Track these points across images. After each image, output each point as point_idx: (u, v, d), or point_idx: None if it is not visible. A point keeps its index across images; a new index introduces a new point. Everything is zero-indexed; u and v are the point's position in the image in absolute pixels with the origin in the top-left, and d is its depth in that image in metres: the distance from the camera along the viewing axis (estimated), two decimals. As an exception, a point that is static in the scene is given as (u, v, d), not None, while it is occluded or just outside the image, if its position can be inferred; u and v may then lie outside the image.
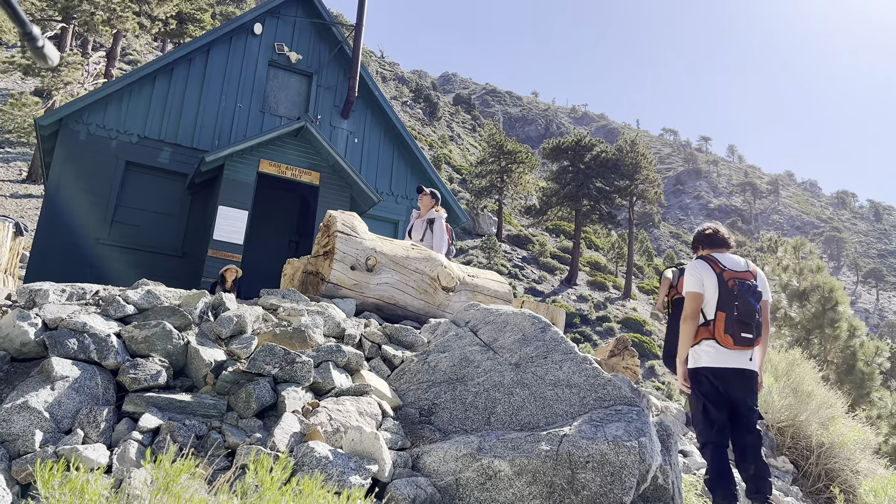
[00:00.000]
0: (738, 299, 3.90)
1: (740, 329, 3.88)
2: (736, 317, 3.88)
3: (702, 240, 4.26)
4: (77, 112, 11.15)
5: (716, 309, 3.95)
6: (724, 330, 3.89)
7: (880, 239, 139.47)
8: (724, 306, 3.92)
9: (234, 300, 4.22)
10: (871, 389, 11.79)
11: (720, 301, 3.94)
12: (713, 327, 3.94)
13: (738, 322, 3.88)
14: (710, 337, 3.96)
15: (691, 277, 4.05)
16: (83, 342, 3.36)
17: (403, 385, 4.08)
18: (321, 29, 13.63)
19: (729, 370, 3.93)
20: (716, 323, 3.93)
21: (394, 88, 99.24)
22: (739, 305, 3.88)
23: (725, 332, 3.89)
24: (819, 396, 5.97)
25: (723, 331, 3.90)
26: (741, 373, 3.95)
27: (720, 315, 3.92)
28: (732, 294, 3.92)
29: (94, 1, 25.11)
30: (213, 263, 10.30)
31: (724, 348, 3.92)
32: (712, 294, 3.98)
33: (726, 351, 3.93)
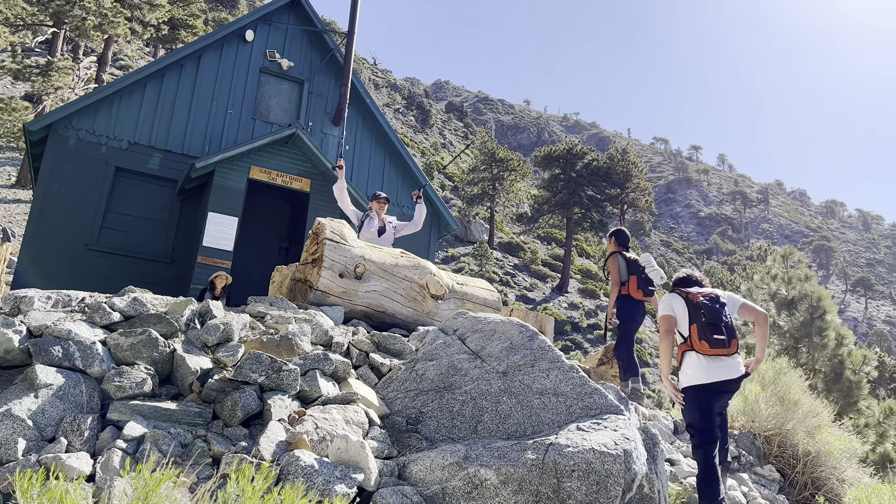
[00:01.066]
0: (703, 307, 4.36)
1: (711, 332, 4.29)
2: (705, 322, 4.31)
3: (677, 282, 4.78)
4: (67, 117, 11.10)
5: (688, 324, 4.40)
6: (699, 338, 4.31)
7: (868, 248, 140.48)
8: (693, 319, 4.38)
9: (220, 308, 4.20)
10: (858, 398, 11.85)
11: (690, 317, 4.40)
12: (690, 341, 4.37)
13: (708, 325, 4.30)
14: (689, 349, 4.38)
15: (663, 305, 4.58)
16: (68, 350, 3.34)
17: (391, 393, 4.08)
18: (313, 36, 13.65)
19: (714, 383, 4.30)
20: (691, 336, 4.37)
21: (386, 96, 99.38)
22: (705, 312, 4.34)
23: (700, 340, 4.30)
24: (806, 405, 6.00)
25: (697, 339, 4.31)
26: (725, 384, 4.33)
27: (693, 327, 4.37)
28: (697, 307, 4.39)
29: (85, 6, 25.04)
30: (202, 270, 10.26)
31: (705, 357, 4.31)
32: (682, 314, 4.45)
33: (708, 360, 4.31)
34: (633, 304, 6.45)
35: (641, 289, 6.39)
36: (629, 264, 6.52)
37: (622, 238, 6.67)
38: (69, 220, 10.91)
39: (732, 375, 4.30)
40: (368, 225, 8.18)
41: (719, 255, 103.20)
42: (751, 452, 5.91)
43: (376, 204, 8.31)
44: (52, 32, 28.97)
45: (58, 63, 25.96)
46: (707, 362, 4.30)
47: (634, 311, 6.45)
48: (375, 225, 8.15)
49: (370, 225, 8.15)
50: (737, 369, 4.35)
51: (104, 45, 29.11)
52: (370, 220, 8.24)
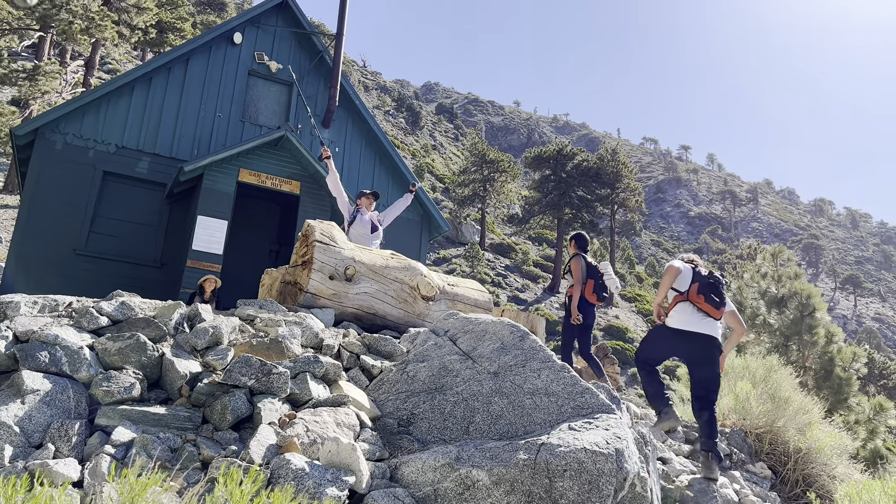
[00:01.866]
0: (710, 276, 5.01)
1: (709, 291, 4.91)
2: (706, 283, 4.94)
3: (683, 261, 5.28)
4: (53, 122, 11.02)
5: (689, 283, 4.97)
6: (697, 292, 4.92)
7: (857, 246, 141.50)
8: (696, 280, 4.98)
9: (210, 311, 4.18)
10: (848, 395, 11.91)
11: (693, 279, 4.99)
12: (687, 294, 4.95)
13: (708, 286, 4.93)
14: (685, 300, 4.94)
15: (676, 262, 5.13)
16: (55, 355, 3.31)
17: (382, 395, 4.06)
18: (302, 38, 13.62)
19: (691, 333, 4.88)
20: (690, 290, 4.95)
21: (376, 98, 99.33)
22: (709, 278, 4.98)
23: (698, 294, 4.91)
24: (796, 402, 6.03)
25: (696, 293, 4.92)
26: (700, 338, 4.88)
27: (694, 285, 4.96)
28: (702, 274, 5.03)
29: (72, 10, 24.89)
30: (192, 274, 10.21)
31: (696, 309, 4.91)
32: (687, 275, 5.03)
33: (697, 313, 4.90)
34: (586, 306, 6.96)
35: (596, 293, 6.97)
36: (589, 268, 7.09)
37: (582, 242, 7.19)
38: (57, 224, 10.83)
39: (711, 332, 4.86)
40: (360, 222, 8.21)
41: (709, 254, 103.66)
42: (742, 450, 5.93)
43: (366, 200, 8.37)
44: (39, 37, 28.78)
45: (45, 67, 25.79)
46: (696, 314, 4.88)
47: (587, 312, 6.98)
48: (367, 222, 8.19)
49: (362, 222, 8.19)
50: (716, 331, 4.88)
51: (91, 49, 28.95)
52: (361, 216, 8.25)
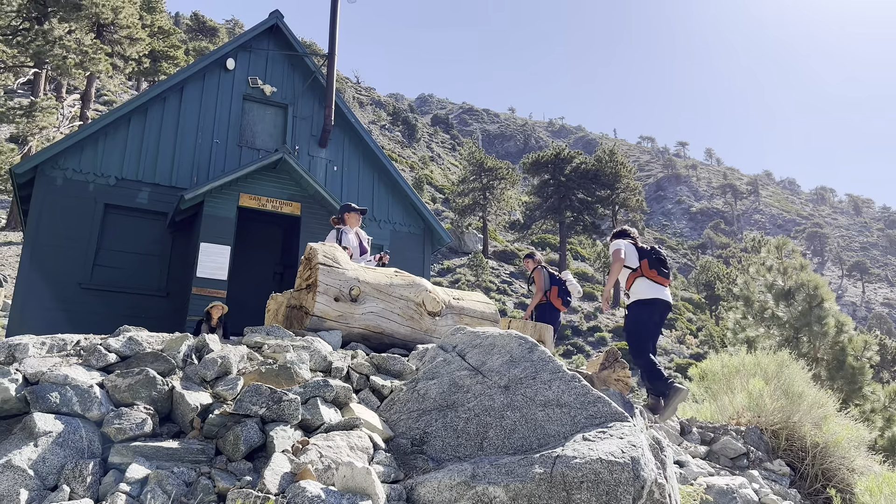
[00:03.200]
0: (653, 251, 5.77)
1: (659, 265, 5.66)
2: (654, 259, 5.67)
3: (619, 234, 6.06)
4: (52, 158, 11.08)
5: (638, 259, 5.70)
6: (650, 267, 5.64)
7: (861, 232, 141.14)
8: (643, 256, 5.70)
9: (217, 341, 4.18)
10: (862, 384, 11.84)
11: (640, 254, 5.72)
12: (640, 269, 5.66)
13: (657, 261, 5.67)
14: (640, 276, 5.64)
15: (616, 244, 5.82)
16: (65, 395, 3.31)
17: (394, 415, 4.05)
18: (294, 60, 13.69)
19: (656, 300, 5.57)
20: (642, 266, 5.66)
21: (371, 113, 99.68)
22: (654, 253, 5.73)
23: (651, 269, 5.63)
24: (811, 396, 5.99)
25: (648, 268, 5.64)
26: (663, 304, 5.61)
27: (644, 262, 5.68)
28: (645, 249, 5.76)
29: (65, 45, 25.07)
30: (197, 301, 10.22)
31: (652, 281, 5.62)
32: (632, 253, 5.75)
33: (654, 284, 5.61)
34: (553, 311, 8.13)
35: (561, 298, 8.23)
36: (552, 277, 8.33)
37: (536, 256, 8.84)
38: (61, 260, 10.87)
39: (668, 299, 5.65)
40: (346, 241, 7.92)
41: (714, 249, 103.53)
42: (759, 448, 5.89)
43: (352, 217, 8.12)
44: (34, 73, 29.00)
45: (41, 103, 25.97)
46: (653, 285, 5.61)
47: (554, 317, 8.13)
48: (353, 242, 8.02)
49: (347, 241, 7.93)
50: (669, 297, 5.69)
51: (87, 82, 29.15)
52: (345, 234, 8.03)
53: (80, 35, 26.11)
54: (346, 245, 7.91)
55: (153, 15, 39.57)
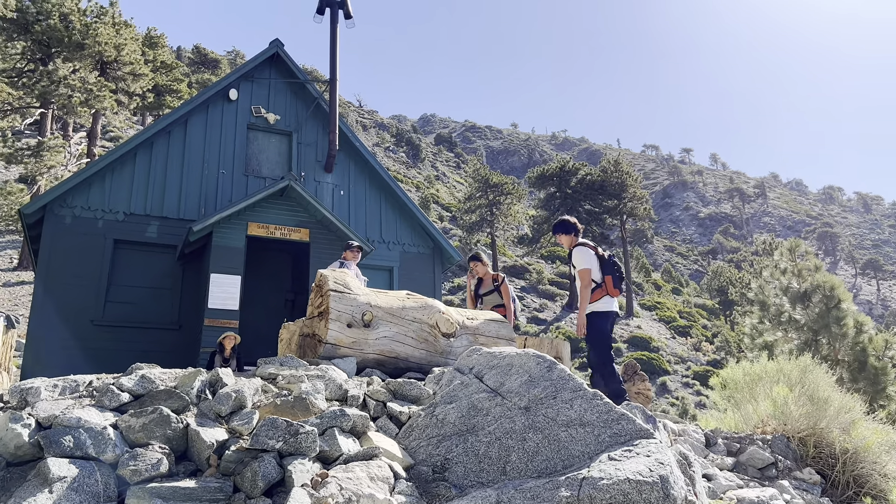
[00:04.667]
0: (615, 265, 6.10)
1: (620, 283, 6.10)
2: (616, 276, 6.05)
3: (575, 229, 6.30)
4: (61, 196, 11.15)
5: (602, 274, 6.02)
6: (614, 286, 6.02)
7: (872, 229, 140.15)
8: (607, 271, 6.03)
9: (231, 374, 4.12)
10: (886, 384, 11.65)
11: (602, 268, 6.03)
12: (605, 288, 6.00)
13: (618, 279, 6.08)
14: (605, 294, 6.01)
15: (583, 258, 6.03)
16: (79, 438, 3.26)
17: (413, 442, 3.97)
18: (296, 87, 13.76)
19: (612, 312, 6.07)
20: (606, 284, 6.00)
21: (375, 135, 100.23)
22: (616, 269, 6.08)
23: (615, 288, 6.03)
24: (836, 401, 5.86)
25: (612, 287, 6.01)
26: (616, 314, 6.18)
27: (608, 279, 6.00)
28: (609, 263, 6.08)
29: (70, 84, 25.37)
30: (210, 333, 10.19)
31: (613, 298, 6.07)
32: (596, 266, 6.01)
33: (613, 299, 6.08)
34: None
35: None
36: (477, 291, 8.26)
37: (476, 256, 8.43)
38: (73, 297, 10.89)
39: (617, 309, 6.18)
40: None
41: (724, 254, 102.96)
42: (787, 456, 5.75)
43: (350, 253, 8.84)
44: (41, 113, 29.34)
45: (48, 143, 26.25)
46: (612, 299, 6.08)
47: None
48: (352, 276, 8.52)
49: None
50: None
51: (92, 120, 29.44)
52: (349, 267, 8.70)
53: (85, 73, 26.43)
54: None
55: (155, 50, 40.03)
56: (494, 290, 7.97)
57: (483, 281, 8.11)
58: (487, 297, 7.97)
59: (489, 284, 8.02)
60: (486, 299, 7.96)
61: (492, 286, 7.98)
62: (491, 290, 7.99)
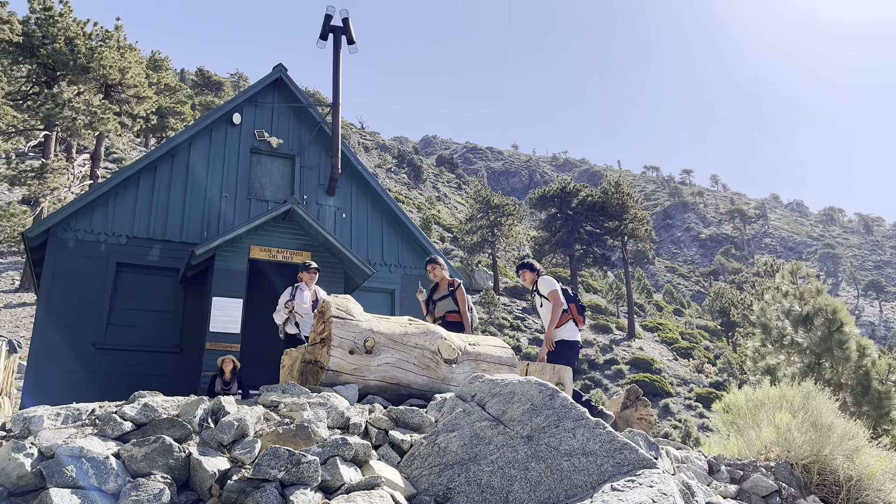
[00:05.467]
0: (576, 296, 7.06)
1: (583, 311, 7.02)
2: (578, 305, 6.95)
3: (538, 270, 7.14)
4: (64, 220, 11.19)
5: (567, 302, 6.82)
6: (578, 313, 6.91)
7: (874, 251, 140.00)
8: (570, 300, 6.91)
9: (233, 402, 4.12)
10: (890, 409, 11.57)
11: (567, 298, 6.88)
12: (571, 314, 6.83)
13: (580, 308, 6.99)
14: (570, 319, 6.82)
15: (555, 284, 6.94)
16: (81, 468, 3.26)
17: (415, 471, 3.96)
18: (299, 111, 13.87)
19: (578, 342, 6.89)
20: (571, 311, 6.84)
21: (377, 157, 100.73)
22: (576, 299, 7.00)
23: (579, 315, 6.93)
24: (840, 428, 5.84)
25: (577, 314, 6.90)
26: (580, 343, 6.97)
27: (572, 306, 6.87)
28: (569, 294, 6.98)
29: (75, 106, 25.58)
30: (211, 356, 10.17)
31: (576, 325, 6.89)
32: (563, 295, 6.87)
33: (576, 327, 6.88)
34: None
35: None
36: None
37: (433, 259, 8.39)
38: (75, 320, 10.89)
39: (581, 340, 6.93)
40: (300, 298, 8.67)
41: (726, 275, 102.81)
42: (791, 484, 5.72)
43: (307, 275, 8.82)
44: (45, 135, 29.54)
45: (52, 165, 26.40)
46: (576, 327, 6.86)
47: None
48: (307, 298, 8.57)
49: (301, 298, 8.65)
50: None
51: (96, 142, 29.64)
52: (300, 292, 8.71)
53: (89, 96, 26.67)
54: (299, 301, 8.58)
55: (159, 73, 40.43)
56: (449, 295, 7.62)
57: (439, 286, 7.81)
58: (441, 302, 7.63)
59: (444, 289, 7.71)
60: (439, 304, 7.63)
61: (447, 291, 7.65)
62: (445, 294, 7.64)
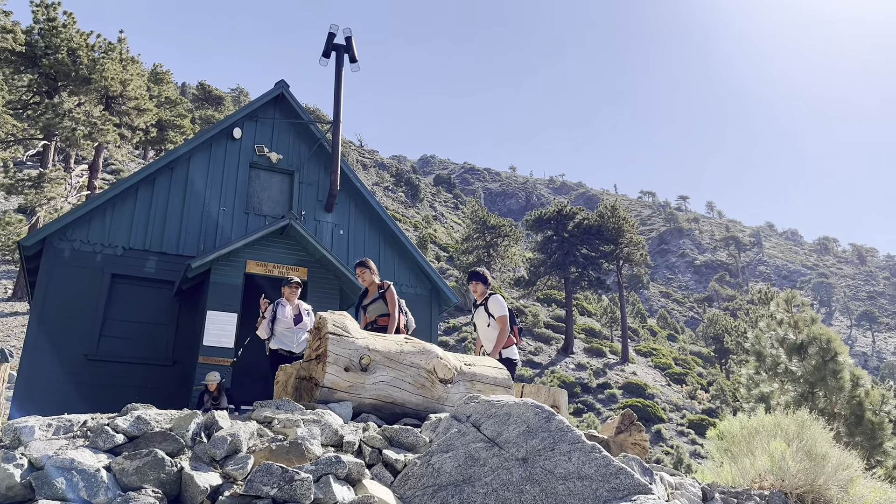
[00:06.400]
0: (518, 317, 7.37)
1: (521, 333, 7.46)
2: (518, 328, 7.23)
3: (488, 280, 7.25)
4: (60, 230, 11.16)
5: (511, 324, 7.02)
6: (519, 337, 7.20)
7: (867, 281, 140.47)
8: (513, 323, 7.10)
9: (227, 417, 4.09)
10: (883, 440, 11.54)
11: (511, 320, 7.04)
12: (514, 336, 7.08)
13: (520, 332, 7.31)
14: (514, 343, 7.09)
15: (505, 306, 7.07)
16: (71, 480, 3.22)
17: (408, 492, 3.92)
18: (300, 128, 13.92)
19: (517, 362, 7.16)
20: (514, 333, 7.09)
21: (375, 175, 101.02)
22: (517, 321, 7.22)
23: (519, 338, 7.22)
24: (834, 458, 5.82)
25: (518, 338, 7.17)
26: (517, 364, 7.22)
27: (515, 328, 7.11)
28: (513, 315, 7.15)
29: (75, 117, 25.63)
30: (203, 370, 10.10)
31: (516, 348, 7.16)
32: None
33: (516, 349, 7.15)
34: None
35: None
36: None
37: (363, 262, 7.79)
38: (67, 331, 10.82)
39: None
40: (281, 313, 8.53)
41: (720, 302, 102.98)
42: (785, 513, 5.68)
43: (287, 290, 8.71)
44: (44, 145, 29.56)
45: (49, 174, 26.38)
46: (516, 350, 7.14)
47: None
48: (288, 313, 8.52)
49: (282, 313, 8.52)
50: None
51: (95, 153, 29.65)
52: (282, 307, 8.59)
53: (89, 107, 26.73)
54: (281, 316, 8.44)
55: (160, 86, 40.60)
56: (379, 297, 7.38)
57: (369, 291, 7.57)
58: (372, 305, 7.41)
59: (374, 293, 7.48)
60: (370, 309, 7.39)
61: (377, 294, 7.43)
62: (376, 297, 7.41)
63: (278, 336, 8.48)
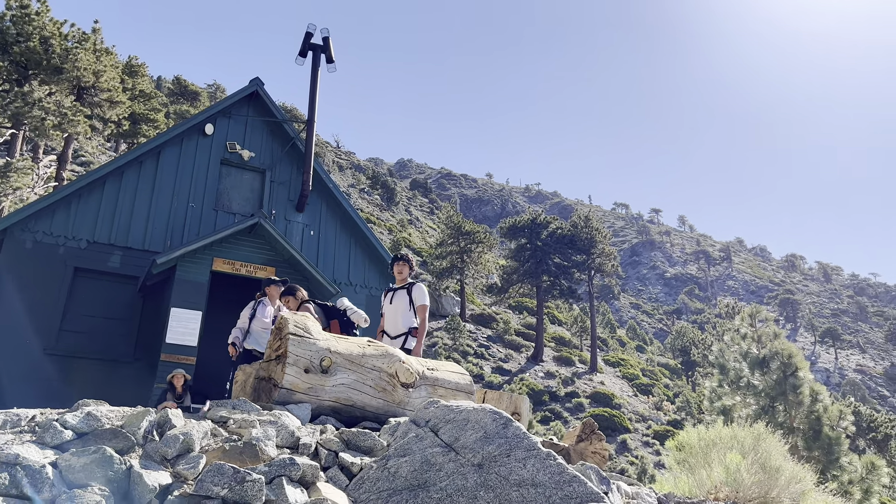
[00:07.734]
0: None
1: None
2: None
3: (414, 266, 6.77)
4: (23, 220, 10.94)
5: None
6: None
7: (832, 299, 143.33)
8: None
9: (181, 416, 4.03)
10: (839, 454, 11.78)
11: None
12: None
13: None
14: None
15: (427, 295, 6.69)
16: (15, 476, 3.15)
17: (363, 495, 3.90)
18: (273, 126, 13.82)
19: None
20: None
21: (350, 177, 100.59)
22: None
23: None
24: (788, 471, 5.91)
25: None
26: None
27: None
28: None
29: (45, 106, 25.12)
30: (166, 368, 9.95)
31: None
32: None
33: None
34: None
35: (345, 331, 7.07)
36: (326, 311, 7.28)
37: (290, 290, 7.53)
38: (26, 324, 10.59)
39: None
40: (261, 312, 8.37)
41: (688, 315, 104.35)
42: (738, 525, 5.76)
43: (274, 289, 8.52)
44: (11, 134, 28.93)
45: (16, 164, 25.81)
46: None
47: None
48: (268, 314, 8.35)
49: (263, 313, 8.36)
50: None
51: (64, 144, 29.07)
52: (263, 307, 8.45)
53: (60, 97, 26.24)
54: (260, 315, 8.27)
55: (135, 79, 39.97)
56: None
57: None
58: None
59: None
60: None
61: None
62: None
63: (253, 335, 8.33)
